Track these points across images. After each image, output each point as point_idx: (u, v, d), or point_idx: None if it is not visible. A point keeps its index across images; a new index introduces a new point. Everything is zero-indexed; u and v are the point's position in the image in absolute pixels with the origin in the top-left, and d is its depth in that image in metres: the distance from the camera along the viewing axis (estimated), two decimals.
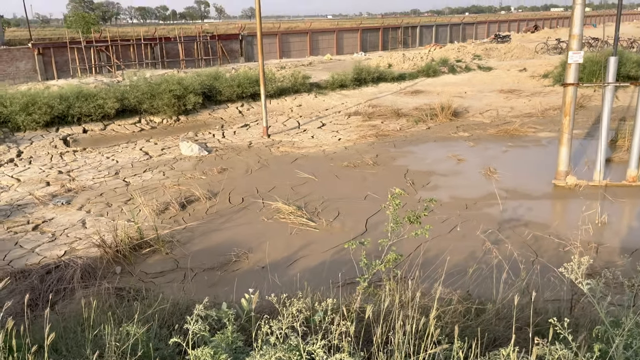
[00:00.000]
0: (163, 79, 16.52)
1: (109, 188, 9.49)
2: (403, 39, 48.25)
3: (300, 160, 11.04)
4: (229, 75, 18.45)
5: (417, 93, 19.92)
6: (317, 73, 24.40)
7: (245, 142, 13.08)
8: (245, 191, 9.00)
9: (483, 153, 11.04)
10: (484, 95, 18.83)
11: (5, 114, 13.67)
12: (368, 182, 9.34)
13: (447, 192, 8.63)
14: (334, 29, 44.04)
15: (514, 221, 7.26)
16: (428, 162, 10.47)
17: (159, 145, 12.97)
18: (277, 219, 7.62)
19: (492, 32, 58.02)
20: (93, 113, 14.65)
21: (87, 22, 42.31)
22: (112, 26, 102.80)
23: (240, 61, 34.73)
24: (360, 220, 7.47)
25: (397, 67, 26.01)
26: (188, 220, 7.72)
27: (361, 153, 11.32)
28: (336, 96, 19.45)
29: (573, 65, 8.24)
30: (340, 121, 15.36)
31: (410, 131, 13.51)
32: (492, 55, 31.22)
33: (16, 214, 8.25)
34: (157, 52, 31.20)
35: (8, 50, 26.98)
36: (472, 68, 25.95)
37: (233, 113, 16.94)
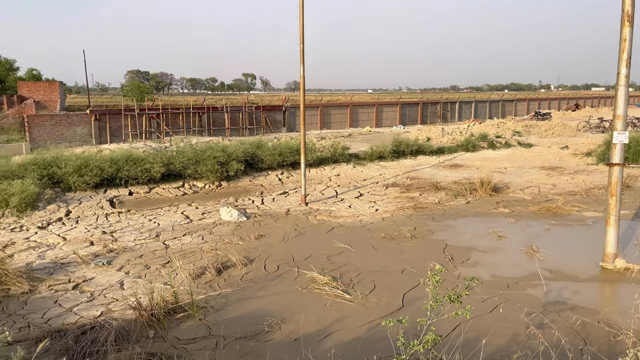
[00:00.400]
0: (208, 146, 17.18)
1: (149, 250, 9.67)
2: (442, 114, 48.92)
3: (336, 229, 11.02)
4: (271, 144, 19.02)
5: (456, 167, 19.89)
6: (356, 144, 24.85)
7: (283, 209, 13.23)
8: (281, 259, 8.99)
9: (524, 230, 10.75)
10: (525, 172, 18.60)
11: (59, 175, 14.40)
12: (405, 255, 9.18)
13: (487, 270, 8.37)
14: (374, 102, 45.21)
15: (560, 304, 6.91)
16: (467, 238, 10.25)
17: (200, 209, 13.27)
18: (312, 289, 7.52)
19: (532, 109, 58.16)
20: (140, 176, 15.26)
21: (141, 92, 45.03)
22: (164, 95, 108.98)
23: (282, 131, 35.85)
24: (397, 295, 7.28)
25: (436, 141, 26.21)
26: (223, 286, 7.72)
27: (399, 225, 11.23)
28: (374, 167, 19.63)
29: (618, 145, 8.12)
30: (378, 192, 15.40)
31: (449, 205, 13.37)
32: (532, 132, 31.11)
33: (59, 272, 8.47)
34: (205, 121, 32.66)
35: (67, 115, 28.86)
36: (512, 144, 25.86)
37: (273, 180, 17.28)
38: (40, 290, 7.65)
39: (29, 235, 10.82)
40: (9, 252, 9.59)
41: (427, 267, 8.26)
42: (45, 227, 11.51)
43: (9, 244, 10.15)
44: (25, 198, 12.42)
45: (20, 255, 9.43)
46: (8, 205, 12.25)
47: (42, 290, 7.63)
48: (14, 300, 7.26)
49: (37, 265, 8.78)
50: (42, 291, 7.61)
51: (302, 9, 12.76)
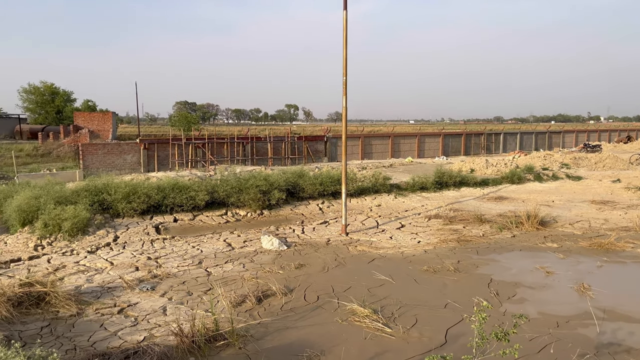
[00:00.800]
0: (251, 175, 17.49)
1: (192, 277, 9.83)
2: (486, 145, 48.12)
3: (377, 260, 10.89)
4: (312, 174, 19.17)
5: (501, 199, 19.40)
6: (397, 175, 24.71)
7: (323, 239, 13.21)
8: (321, 289, 8.93)
9: (575, 267, 10.30)
10: (574, 205, 17.93)
11: (109, 201, 14.95)
12: (448, 289, 8.94)
13: (535, 307, 8.03)
14: (416, 133, 45.04)
15: (614, 346, 6.53)
16: (513, 273, 9.91)
17: (241, 237, 13.42)
18: (352, 321, 7.42)
19: (581, 141, 56.43)
20: (185, 204, 15.65)
21: (188, 122, 46.55)
22: (210, 125, 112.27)
23: (323, 161, 36.12)
24: (440, 330, 7.08)
25: (479, 172, 25.74)
26: (263, 315, 7.72)
27: (441, 258, 10.99)
28: (416, 198, 19.40)
29: None
30: (420, 223, 15.17)
31: (494, 238, 13.01)
32: (581, 165, 30.10)
33: (105, 296, 8.71)
34: (248, 150, 33.37)
35: (118, 144, 30.12)
36: (560, 177, 25.07)
37: (314, 210, 17.34)
38: (88, 313, 7.87)
39: (79, 259, 11.22)
40: (59, 275, 9.95)
41: (471, 302, 8.02)
42: (94, 252, 11.91)
43: (60, 267, 10.54)
44: (77, 223, 12.94)
45: (70, 278, 9.77)
46: (61, 229, 12.77)
47: (89, 314, 7.85)
48: (62, 323, 7.50)
49: (86, 289, 9.06)
50: (89, 314, 7.83)
51: (346, 43, 13.00)
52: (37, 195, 13.95)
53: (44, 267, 10.52)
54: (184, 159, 31.10)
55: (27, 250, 11.88)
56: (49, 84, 62.99)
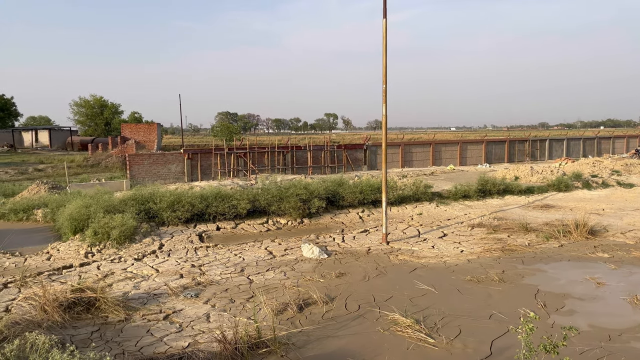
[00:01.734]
0: (291, 184, 17.64)
1: (234, 284, 9.98)
2: (530, 152, 46.83)
3: (419, 270, 10.75)
4: (352, 182, 19.15)
5: (548, 208, 18.81)
6: (439, 183, 24.36)
7: (364, 247, 13.15)
8: (362, 298, 8.89)
9: (628, 278, 9.85)
10: (626, 214, 17.18)
11: (154, 210, 15.41)
12: (493, 299, 8.73)
13: (585, 319, 7.73)
14: (458, 140, 44.32)
15: None
16: (561, 283, 9.57)
17: (282, 245, 13.54)
18: (394, 331, 7.34)
19: (632, 146, 54.05)
20: (227, 212, 15.93)
21: (230, 132, 47.46)
22: (251, 135, 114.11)
23: (363, 169, 36.03)
24: (485, 342, 6.91)
25: (524, 180, 25.06)
26: (304, 324, 7.75)
27: (485, 267, 10.74)
28: (459, 206, 19.06)
29: None
30: (462, 232, 14.89)
31: (540, 248, 12.61)
32: (633, 172, 28.84)
33: (151, 303, 8.95)
34: (288, 159, 33.70)
35: (163, 154, 31.02)
36: (611, 184, 24.09)
37: (354, 218, 17.30)
38: (135, 319, 8.11)
39: (126, 266, 11.59)
40: (108, 281, 10.31)
41: (517, 313, 7.80)
42: (141, 259, 12.28)
43: (109, 274, 10.92)
44: (125, 231, 13.39)
45: (118, 285, 10.10)
46: (109, 237, 13.25)
47: (136, 319, 8.08)
48: (111, 328, 7.75)
49: (133, 295, 9.35)
50: (136, 320, 8.06)
51: (385, 51, 12.99)
52: (87, 204, 14.54)
53: (93, 274, 10.92)
54: (226, 168, 31.70)
55: (78, 257, 12.37)
56: (99, 97, 65.67)
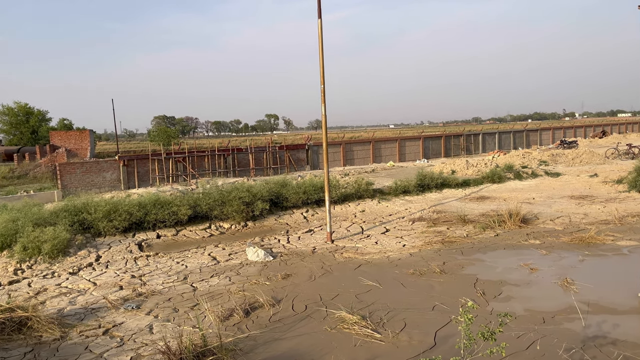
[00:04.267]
0: (233, 187, 17.40)
1: (177, 293, 9.71)
2: (466, 146, 48.67)
3: (364, 266, 10.90)
4: (295, 183, 19.15)
5: (483, 199, 19.61)
6: (380, 179, 24.82)
7: (309, 247, 13.18)
8: (308, 298, 8.90)
9: (558, 262, 10.44)
10: (554, 202, 18.21)
11: (89, 220, 14.73)
12: (435, 291, 8.99)
13: (521, 304, 8.11)
14: (396, 137, 45.35)
15: (600, 339, 6.63)
16: (498, 271, 10.00)
17: (226, 250, 13.32)
18: (341, 328, 7.40)
19: (557, 138, 57.43)
20: (167, 219, 15.48)
21: (168, 136, 46.21)
22: (190, 139, 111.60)
23: (306, 169, 36.12)
24: (429, 333, 7.10)
25: (460, 174, 25.99)
26: (251, 328, 7.66)
27: (427, 260, 11.05)
28: (399, 202, 19.51)
29: None
30: (404, 227, 15.25)
31: (478, 238, 13.13)
32: (559, 161, 30.62)
33: (89, 318, 8.55)
34: (230, 162, 33.20)
35: (97, 162, 29.71)
36: (539, 174, 25.46)
37: (298, 219, 17.30)
38: (72, 336, 7.71)
39: (60, 282, 11.00)
40: (41, 298, 9.75)
41: (459, 303, 8.07)
42: (76, 273, 11.70)
43: (42, 291, 10.32)
44: (57, 244, 12.70)
45: (52, 301, 9.57)
46: (40, 252, 12.52)
47: (73, 337, 7.69)
48: (46, 347, 7.33)
49: (69, 311, 8.89)
50: (73, 337, 7.67)
51: (322, 51, 13.07)
52: (14, 218, 13.67)
53: (24, 292, 10.29)
54: (164, 174, 30.81)
55: (7, 275, 11.61)
56: (23, 104, 61.99)
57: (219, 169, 32.58)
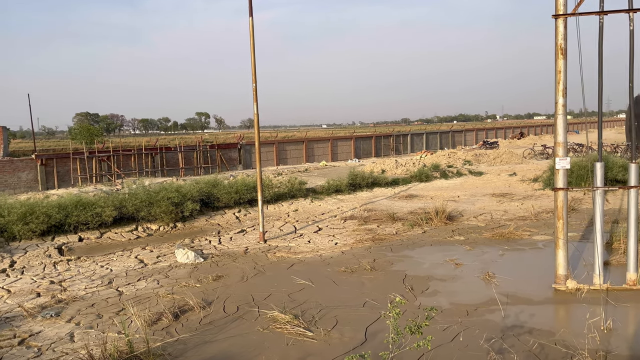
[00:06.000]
0: (162, 187, 16.84)
1: (101, 298, 9.26)
2: (395, 146, 50.09)
3: (296, 265, 10.93)
4: (227, 182, 18.85)
5: (411, 197, 20.27)
6: (313, 179, 24.99)
7: (241, 248, 13.03)
8: (240, 299, 8.80)
9: (480, 257, 10.99)
10: (477, 199, 19.15)
11: (2, 224, 13.70)
12: (366, 287, 9.17)
13: (446, 298, 8.46)
14: (329, 137, 45.87)
15: (517, 328, 7.05)
16: (426, 267, 10.38)
17: (154, 252, 12.88)
18: (273, 328, 7.37)
19: (480, 138, 60.45)
20: (90, 221, 14.71)
21: (91, 134, 43.97)
22: (115, 137, 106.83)
23: (238, 168, 35.68)
24: (360, 329, 7.23)
25: (390, 173, 26.71)
26: (181, 332, 7.45)
27: (358, 258, 11.25)
28: (332, 201, 19.74)
29: (561, 171, 8.52)
30: (336, 225, 15.44)
31: (406, 235, 13.55)
32: (482, 161, 32.24)
33: (3, 327, 7.95)
34: (158, 161, 32.13)
35: (11, 161, 27.72)
36: (464, 173, 26.67)
37: (230, 219, 17.05)
38: None
39: None
40: None
41: (388, 298, 8.28)
42: None
43: None
44: None
45: None
46: None
47: None
48: None
49: None
50: None
51: (253, 50, 12.95)
52: None
53: None
54: (87, 174, 29.29)
55: None
56: None
57: (146, 168, 31.44)
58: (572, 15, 8.15)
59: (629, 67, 8.29)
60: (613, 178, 18.33)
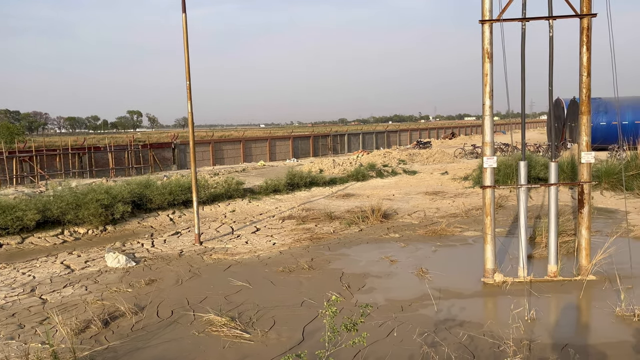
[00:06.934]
0: (90, 189, 16.04)
1: (23, 307, 8.69)
2: (332, 146, 50.61)
3: (234, 267, 10.77)
4: (161, 183, 18.27)
5: (349, 196, 20.54)
6: (250, 179, 24.74)
7: (176, 250, 12.67)
8: (175, 303, 8.55)
9: (414, 253, 11.31)
10: (411, 198, 19.71)
11: None
12: (304, 287, 9.19)
13: (382, 295, 8.64)
14: (267, 137, 45.62)
15: (449, 321, 7.31)
16: (362, 265, 10.55)
17: (82, 257, 12.26)
18: (209, 332, 7.22)
19: (414, 138, 62.33)
20: (10, 226, 13.76)
21: (11, 133, 41.23)
22: (38, 136, 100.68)
23: (172, 169, 34.69)
24: (297, 329, 7.23)
25: (328, 172, 26.94)
26: (111, 339, 7.13)
27: (296, 257, 11.25)
28: (270, 201, 19.63)
29: (488, 169, 8.93)
30: (274, 225, 15.37)
31: (344, 233, 13.71)
32: (415, 160, 33.24)
33: None
34: (86, 162, 30.64)
35: None
36: (399, 172, 27.38)
37: (164, 221, 16.53)
38: None
39: None
40: None
41: (326, 297, 8.33)
42: None
43: None
44: None
45: None
46: None
47: None
48: None
49: None
50: None
51: (187, 47, 12.63)
52: None
53: None
54: (7, 175, 27.43)
55: None
56: None
57: (73, 169, 29.90)
58: (497, 21, 8.56)
59: (549, 71, 8.83)
60: (536, 176, 19.44)
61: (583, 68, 8.68)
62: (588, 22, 8.58)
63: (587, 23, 8.58)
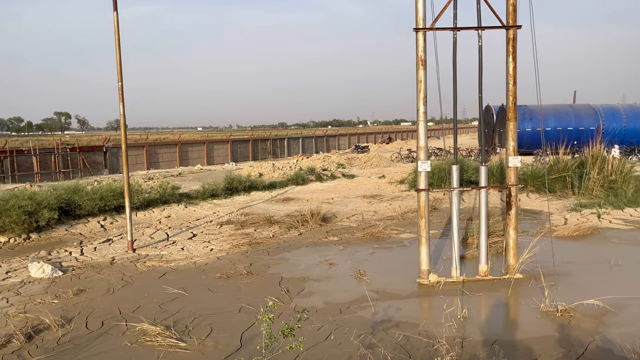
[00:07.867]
0: (12, 195, 15.04)
1: None
2: (272, 150, 50.43)
3: (169, 274, 10.44)
4: (91, 188, 17.43)
5: (288, 200, 20.51)
6: (187, 183, 24.13)
7: (107, 258, 12.12)
8: (106, 313, 8.17)
9: (352, 256, 11.45)
10: (350, 201, 19.97)
11: None
12: (242, 293, 9.06)
13: (321, 298, 8.66)
14: (204, 140, 44.74)
15: (386, 322, 7.44)
16: (302, 268, 10.54)
17: (3, 267, 11.46)
18: (142, 342, 6.95)
19: (353, 143, 63.29)
20: None
21: None
22: None
23: (104, 173, 33.25)
24: (235, 336, 7.11)
25: (267, 176, 26.79)
26: (35, 354, 6.70)
27: (235, 263, 11.08)
28: (207, 206, 19.23)
29: (423, 173, 9.19)
30: (212, 231, 15.07)
31: (283, 238, 13.65)
32: (354, 164, 33.75)
33: None
34: (7, 166, 28.74)
35: None
36: (337, 176, 27.67)
37: (94, 228, 15.78)
38: None
39: None
40: None
41: (264, 303, 8.25)
42: None
43: None
44: None
45: None
46: None
47: None
48: None
49: None
50: None
51: (119, 47, 12.16)
52: None
53: None
54: None
55: None
56: None
57: None
58: (430, 30, 8.85)
59: (478, 79, 9.24)
60: (468, 179, 20.27)
61: (509, 77, 9.15)
62: (514, 33, 9.06)
63: (513, 34, 9.06)
